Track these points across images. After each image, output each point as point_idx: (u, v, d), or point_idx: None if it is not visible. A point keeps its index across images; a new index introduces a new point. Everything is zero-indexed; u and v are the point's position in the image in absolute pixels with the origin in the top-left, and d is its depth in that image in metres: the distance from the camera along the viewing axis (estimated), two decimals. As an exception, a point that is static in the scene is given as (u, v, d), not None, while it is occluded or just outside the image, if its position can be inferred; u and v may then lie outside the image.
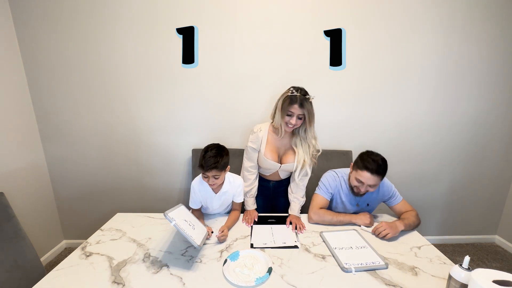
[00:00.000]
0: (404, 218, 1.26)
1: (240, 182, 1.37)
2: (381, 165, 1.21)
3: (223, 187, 1.31)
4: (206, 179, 1.23)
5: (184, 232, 0.98)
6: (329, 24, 1.78)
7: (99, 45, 1.77)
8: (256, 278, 0.90)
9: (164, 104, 1.88)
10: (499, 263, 2.01)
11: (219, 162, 1.19)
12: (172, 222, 0.96)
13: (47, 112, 1.87)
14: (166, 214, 0.99)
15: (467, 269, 0.77)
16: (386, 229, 1.17)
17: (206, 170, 1.18)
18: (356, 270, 0.94)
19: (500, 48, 1.87)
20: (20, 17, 1.71)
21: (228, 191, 1.33)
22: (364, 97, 1.92)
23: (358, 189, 1.26)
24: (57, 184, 2.01)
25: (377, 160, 1.21)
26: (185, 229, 1.00)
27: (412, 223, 1.24)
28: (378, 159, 1.22)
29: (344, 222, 1.29)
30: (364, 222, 1.28)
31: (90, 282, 0.90)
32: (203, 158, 1.19)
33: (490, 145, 2.06)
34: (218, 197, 1.32)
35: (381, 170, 1.20)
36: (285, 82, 1.77)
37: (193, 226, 1.09)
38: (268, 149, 1.38)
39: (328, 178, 1.40)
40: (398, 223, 1.21)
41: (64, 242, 2.13)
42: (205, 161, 1.18)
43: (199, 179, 1.32)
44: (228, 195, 1.35)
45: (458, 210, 2.20)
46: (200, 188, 1.31)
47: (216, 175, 1.21)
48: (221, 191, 1.31)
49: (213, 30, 1.77)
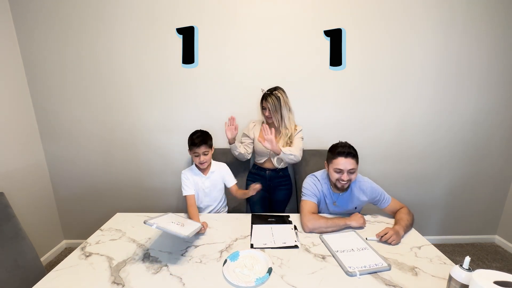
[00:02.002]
0: (400, 220, 1.25)
1: (225, 165, 1.58)
2: (350, 147, 1.27)
3: (211, 167, 1.50)
4: (197, 158, 1.41)
5: (167, 229, 1.00)
6: (329, 24, 1.78)
7: (99, 45, 1.77)
8: (256, 279, 0.90)
9: (164, 104, 1.88)
10: (499, 263, 2.00)
11: (206, 138, 1.43)
12: (153, 226, 0.99)
13: (47, 112, 1.87)
14: (146, 222, 1.00)
15: (468, 270, 0.77)
16: (392, 236, 1.14)
17: (197, 146, 1.39)
18: (360, 274, 0.94)
19: (500, 48, 1.87)
20: (20, 17, 1.71)
21: (216, 171, 1.52)
22: (364, 97, 1.92)
23: (341, 181, 1.26)
24: (57, 184, 2.01)
25: (345, 145, 1.29)
26: (169, 227, 1.02)
27: (408, 223, 1.24)
28: (346, 144, 1.30)
29: (340, 225, 1.25)
30: (359, 223, 1.26)
31: (90, 282, 0.90)
32: (192, 138, 1.41)
33: (490, 144, 2.06)
34: (207, 177, 1.49)
35: (352, 151, 1.26)
36: (285, 82, 1.77)
37: (182, 224, 1.12)
38: (260, 136, 1.67)
39: (309, 182, 1.39)
40: (398, 228, 1.19)
41: (64, 242, 2.13)
42: (195, 139, 1.40)
43: (187, 169, 1.52)
44: (217, 175, 1.52)
45: (458, 210, 2.20)
46: (191, 173, 1.48)
47: (205, 151, 1.41)
48: (209, 172, 1.50)
49: (213, 30, 1.77)
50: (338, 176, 1.27)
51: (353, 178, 1.27)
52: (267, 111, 1.61)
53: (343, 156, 1.24)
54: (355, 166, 1.25)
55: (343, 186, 1.28)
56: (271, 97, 1.58)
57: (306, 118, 1.92)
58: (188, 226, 1.11)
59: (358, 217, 1.28)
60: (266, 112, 1.62)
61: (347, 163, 1.23)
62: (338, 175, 1.27)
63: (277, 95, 1.58)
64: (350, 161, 1.23)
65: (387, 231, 1.17)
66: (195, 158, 1.44)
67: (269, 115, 1.61)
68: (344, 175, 1.25)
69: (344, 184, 1.27)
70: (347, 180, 1.26)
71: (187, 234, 1.01)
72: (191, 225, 1.15)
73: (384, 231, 1.17)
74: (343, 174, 1.25)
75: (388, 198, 1.35)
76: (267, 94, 1.60)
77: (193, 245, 1.12)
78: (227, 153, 1.84)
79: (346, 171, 1.24)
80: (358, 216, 1.28)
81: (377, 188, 1.36)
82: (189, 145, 1.44)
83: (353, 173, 1.26)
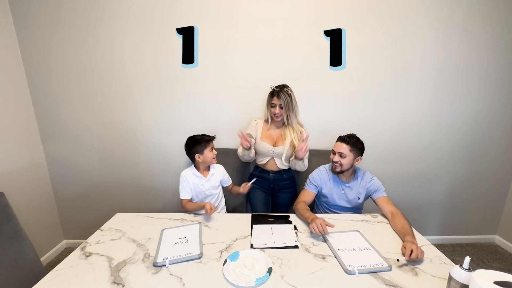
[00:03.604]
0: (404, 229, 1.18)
1: (221, 167, 1.60)
2: (350, 137, 1.41)
3: (210, 170, 1.54)
4: (211, 152, 1.47)
5: (179, 260, 1.00)
6: (329, 24, 1.78)
7: (99, 46, 1.77)
8: (256, 279, 0.90)
9: (164, 104, 1.88)
10: (499, 263, 2.00)
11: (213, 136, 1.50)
12: (167, 265, 0.97)
13: (47, 111, 1.87)
14: (156, 264, 0.97)
15: (468, 270, 0.77)
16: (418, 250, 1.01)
17: (211, 140, 1.47)
18: (359, 273, 0.94)
19: (500, 49, 1.87)
20: (20, 17, 1.71)
21: (215, 174, 1.54)
22: (364, 97, 1.92)
23: (333, 162, 1.42)
24: (57, 184, 2.01)
25: (349, 135, 1.43)
26: (178, 254, 1.02)
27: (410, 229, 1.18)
28: (351, 134, 1.44)
29: (305, 219, 1.28)
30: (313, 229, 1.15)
31: (90, 283, 0.90)
32: (203, 136, 1.47)
33: (490, 145, 2.06)
34: (207, 180, 1.51)
35: (348, 140, 1.40)
36: (285, 82, 1.76)
37: (186, 239, 1.14)
38: (263, 135, 1.67)
39: (314, 173, 1.55)
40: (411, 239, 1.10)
41: (64, 242, 2.13)
42: (206, 136, 1.47)
43: (187, 170, 1.51)
44: (215, 177, 1.54)
45: (458, 210, 2.20)
46: (191, 176, 1.49)
47: (213, 147, 1.49)
48: (209, 174, 1.52)
49: (213, 30, 1.76)
50: (332, 156, 1.44)
51: (344, 162, 1.39)
52: (277, 108, 1.55)
53: (339, 141, 1.43)
54: (346, 152, 1.39)
55: (335, 168, 1.43)
56: (283, 93, 1.53)
57: (306, 118, 1.92)
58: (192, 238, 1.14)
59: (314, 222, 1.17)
60: (276, 109, 1.56)
61: (339, 146, 1.41)
62: (332, 156, 1.45)
63: (288, 92, 1.55)
64: (343, 145, 1.40)
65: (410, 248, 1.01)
66: (210, 154, 1.46)
67: (279, 112, 1.56)
68: (336, 157, 1.41)
69: (336, 166, 1.42)
70: (337, 162, 1.41)
71: (199, 253, 1.03)
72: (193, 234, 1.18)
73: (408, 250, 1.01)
74: (335, 155, 1.42)
75: (383, 192, 1.44)
76: (277, 90, 1.55)
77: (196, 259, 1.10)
78: (227, 153, 1.84)
79: (337, 153, 1.41)
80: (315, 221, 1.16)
81: (377, 181, 1.47)
82: (202, 143, 1.44)
83: (344, 157, 1.39)
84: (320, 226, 1.14)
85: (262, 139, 1.64)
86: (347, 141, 1.40)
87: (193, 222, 1.30)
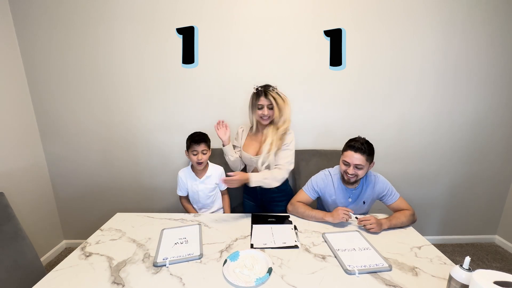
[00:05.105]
0: (392, 218, 1.25)
1: (222, 170, 1.57)
2: (364, 144, 1.24)
3: (207, 171, 1.51)
4: (195, 156, 1.42)
5: (179, 260, 1.00)
6: (329, 24, 1.78)
7: (99, 46, 1.77)
8: (256, 279, 0.89)
9: (164, 104, 1.88)
10: (499, 263, 2.00)
11: (206, 138, 1.47)
12: (167, 265, 0.97)
13: (47, 112, 1.87)
14: (156, 264, 0.97)
15: (468, 270, 0.77)
16: (373, 224, 1.18)
17: (197, 143, 1.42)
18: (359, 273, 0.94)
19: (500, 49, 1.87)
20: (20, 17, 1.71)
21: (212, 175, 1.51)
22: (364, 97, 1.92)
23: (347, 173, 1.27)
24: (57, 183, 2.01)
25: (359, 140, 1.26)
26: (179, 255, 1.02)
27: (400, 224, 1.24)
28: (361, 139, 1.27)
29: (317, 218, 1.30)
30: (335, 219, 1.24)
31: (90, 283, 0.90)
32: (192, 137, 1.45)
33: (490, 144, 2.06)
34: (202, 181, 1.50)
35: (364, 148, 1.23)
36: (285, 82, 1.77)
37: (186, 240, 1.13)
38: (246, 144, 1.52)
39: (317, 177, 1.42)
40: (384, 221, 1.22)
41: (64, 242, 2.13)
42: (195, 136, 1.44)
43: (184, 169, 1.55)
44: (212, 180, 1.52)
45: (458, 210, 2.20)
46: (186, 175, 1.52)
47: (204, 150, 1.44)
48: (205, 176, 1.50)
49: (213, 30, 1.76)
50: (345, 168, 1.28)
51: (360, 174, 1.26)
52: (266, 109, 1.35)
53: (352, 150, 1.24)
54: (363, 163, 1.23)
55: (349, 179, 1.29)
56: (272, 93, 1.35)
57: (306, 118, 1.92)
58: (192, 239, 1.14)
59: (337, 213, 1.25)
60: (265, 110, 1.35)
61: (354, 158, 1.23)
62: (345, 167, 1.28)
63: (275, 90, 1.38)
64: (358, 156, 1.22)
65: (370, 218, 1.20)
66: (193, 157, 1.44)
67: (268, 114, 1.36)
68: (350, 169, 1.25)
69: (350, 177, 1.27)
70: (352, 174, 1.26)
71: (199, 254, 1.03)
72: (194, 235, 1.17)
73: (367, 217, 1.20)
74: (349, 168, 1.25)
75: (396, 195, 1.34)
76: (265, 90, 1.36)
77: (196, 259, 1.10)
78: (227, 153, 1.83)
79: (352, 165, 1.24)
80: (338, 212, 1.24)
81: (386, 183, 1.35)
82: (189, 144, 1.45)
83: (361, 169, 1.24)
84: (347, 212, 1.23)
85: (244, 148, 1.50)
86: (363, 149, 1.22)
87: (193, 223, 1.30)
